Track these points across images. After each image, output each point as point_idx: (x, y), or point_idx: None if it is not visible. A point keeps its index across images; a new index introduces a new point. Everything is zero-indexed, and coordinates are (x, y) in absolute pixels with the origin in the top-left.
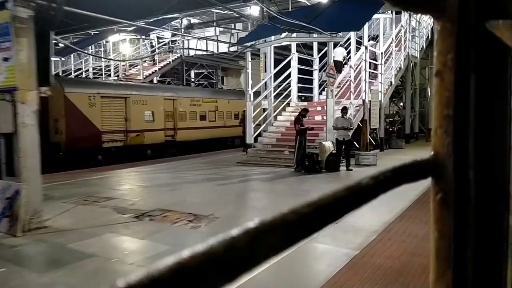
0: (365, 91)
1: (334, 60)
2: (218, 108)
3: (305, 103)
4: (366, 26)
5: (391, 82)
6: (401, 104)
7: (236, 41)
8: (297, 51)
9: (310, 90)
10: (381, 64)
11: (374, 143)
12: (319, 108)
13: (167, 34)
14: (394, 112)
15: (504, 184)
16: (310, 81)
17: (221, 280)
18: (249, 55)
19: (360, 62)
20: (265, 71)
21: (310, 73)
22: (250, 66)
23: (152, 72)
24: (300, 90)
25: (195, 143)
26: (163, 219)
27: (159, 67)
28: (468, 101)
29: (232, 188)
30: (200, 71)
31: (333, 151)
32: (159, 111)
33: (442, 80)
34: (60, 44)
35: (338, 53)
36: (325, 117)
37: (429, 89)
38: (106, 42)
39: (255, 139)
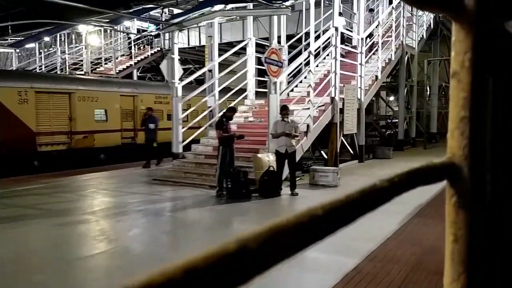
0: (334, 85)
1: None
2: (191, 106)
3: (262, 101)
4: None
5: (376, 76)
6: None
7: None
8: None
9: None
10: (361, 52)
11: (352, 152)
12: None
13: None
14: (392, 113)
15: None
16: None
17: (233, 281)
18: (174, 36)
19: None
20: (211, 60)
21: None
22: (176, 50)
23: (127, 66)
24: None
25: (162, 145)
26: None
27: (135, 61)
28: (485, 102)
29: (73, 237)
30: (186, 66)
31: (271, 168)
32: (114, 109)
33: (459, 81)
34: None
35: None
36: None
37: (428, 87)
38: (85, 34)
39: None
